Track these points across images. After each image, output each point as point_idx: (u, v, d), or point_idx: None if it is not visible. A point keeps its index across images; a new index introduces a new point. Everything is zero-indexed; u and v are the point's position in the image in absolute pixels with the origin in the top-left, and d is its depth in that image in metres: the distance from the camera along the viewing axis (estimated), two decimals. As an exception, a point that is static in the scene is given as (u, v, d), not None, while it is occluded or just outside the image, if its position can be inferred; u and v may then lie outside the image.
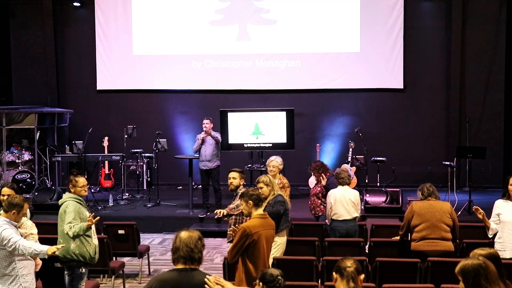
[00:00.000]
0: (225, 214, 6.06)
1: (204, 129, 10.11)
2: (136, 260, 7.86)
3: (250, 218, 5.09)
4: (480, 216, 5.99)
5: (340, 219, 6.87)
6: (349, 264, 3.49)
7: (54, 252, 4.95)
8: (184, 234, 3.62)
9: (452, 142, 12.45)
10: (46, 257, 4.99)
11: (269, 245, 5.04)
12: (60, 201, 5.75)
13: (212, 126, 10.23)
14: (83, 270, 5.62)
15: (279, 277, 3.74)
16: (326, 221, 7.15)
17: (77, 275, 5.59)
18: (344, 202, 6.86)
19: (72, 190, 5.72)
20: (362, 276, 3.52)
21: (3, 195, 5.70)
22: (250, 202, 5.00)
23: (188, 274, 3.55)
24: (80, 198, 5.73)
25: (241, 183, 6.32)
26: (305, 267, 5.71)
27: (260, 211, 5.06)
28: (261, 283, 3.76)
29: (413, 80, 12.74)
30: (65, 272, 5.56)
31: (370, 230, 7.34)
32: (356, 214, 6.97)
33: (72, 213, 5.55)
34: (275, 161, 7.20)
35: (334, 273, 3.52)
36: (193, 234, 3.63)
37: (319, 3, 12.80)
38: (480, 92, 12.64)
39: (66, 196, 5.72)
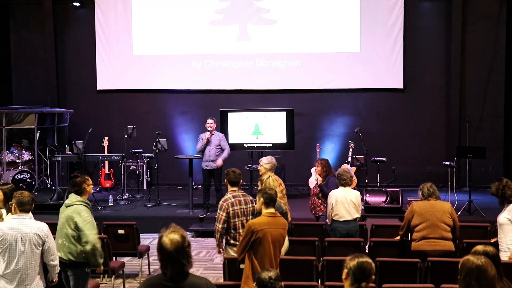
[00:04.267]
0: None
1: (209, 128, 10.07)
2: (136, 260, 7.86)
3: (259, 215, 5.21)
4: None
5: (341, 220, 6.86)
6: None
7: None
8: (170, 246, 3.33)
9: (452, 142, 12.44)
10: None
11: (277, 244, 5.07)
12: (68, 202, 5.54)
13: (216, 126, 10.24)
14: (88, 270, 5.57)
15: (272, 281, 3.72)
16: (327, 220, 7.14)
17: (84, 275, 5.53)
18: (345, 203, 6.85)
19: (83, 193, 5.55)
20: (373, 277, 3.48)
21: None
22: (261, 199, 5.13)
23: (179, 277, 3.39)
24: (88, 202, 5.58)
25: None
26: (305, 267, 5.71)
27: (271, 210, 5.12)
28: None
29: (413, 80, 12.74)
30: (70, 274, 5.47)
31: (370, 230, 7.33)
32: (357, 215, 6.97)
33: (93, 222, 5.44)
34: (262, 161, 7.17)
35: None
36: (178, 244, 3.33)
37: (319, 3, 12.80)
38: (480, 92, 12.64)
39: (76, 198, 5.51)
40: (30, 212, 5.10)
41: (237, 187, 6.09)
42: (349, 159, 11.39)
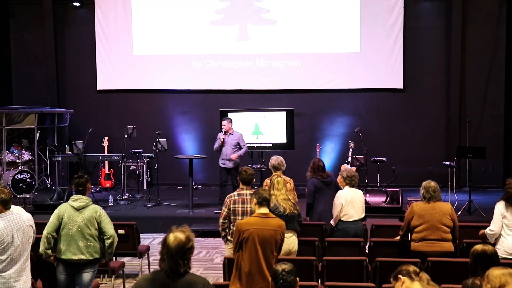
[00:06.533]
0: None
1: (224, 129, 10.21)
2: (136, 260, 7.87)
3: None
4: None
5: (350, 220, 6.84)
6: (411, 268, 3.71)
7: None
8: (172, 242, 3.46)
9: (452, 142, 12.44)
10: None
11: (267, 245, 5.05)
12: (80, 205, 5.57)
13: (230, 126, 10.26)
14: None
15: (284, 273, 3.72)
16: (331, 222, 7.09)
17: (96, 270, 5.69)
18: (354, 203, 6.85)
19: (86, 192, 5.69)
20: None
21: None
22: (254, 200, 5.21)
23: (174, 274, 3.48)
24: None
25: None
26: (305, 267, 5.71)
27: (264, 210, 5.15)
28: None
29: (413, 80, 12.74)
30: (87, 271, 5.52)
31: (370, 230, 7.33)
32: (363, 214, 6.98)
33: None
34: None
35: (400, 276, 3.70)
36: (181, 243, 3.46)
37: (319, 3, 12.80)
38: (480, 92, 12.64)
39: (88, 199, 5.64)
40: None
41: (247, 186, 6.21)
42: (349, 159, 11.38)
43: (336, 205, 6.89)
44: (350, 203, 6.83)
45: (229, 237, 6.12)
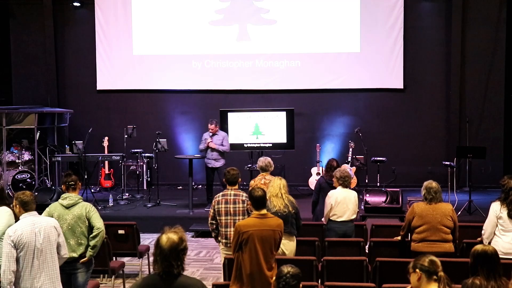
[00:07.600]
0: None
1: (210, 132, 10.35)
2: (136, 260, 7.88)
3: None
4: None
5: (339, 220, 6.87)
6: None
7: None
8: (165, 243, 3.43)
9: (452, 142, 12.44)
10: None
11: (267, 245, 5.06)
12: (69, 203, 5.55)
13: (217, 129, 10.40)
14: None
15: (288, 275, 3.71)
16: (323, 219, 7.13)
17: (91, 269, 5.67)
18: (344, 204, 6.86)
19: (77, 189, 5.68)
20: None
21: None
22: (249, 202, 5.28)
23: (167, 276, 3.43)
24: None
25: None
26: (305, 267, 5.70)
27: (262, 211, 5.15)
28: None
29: (413, 80, 12.74)
30: (81, 271, 5.52)
31: (370, 230, 7.33)
32: (354, 215, 7.00)
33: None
34: None
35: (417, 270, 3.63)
36: (173, 244, 3.42)
37: (319, 3, 12.80)
38: (480, 92, 12.64)
39: (77, 197, 5.61)
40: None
41: (233, 186, 6.21)
42: (349, 159, 11.38)
43: (326, 205, 6.97)
44: (340, 203, 6.84)
45: (219, 238, 6.18)
